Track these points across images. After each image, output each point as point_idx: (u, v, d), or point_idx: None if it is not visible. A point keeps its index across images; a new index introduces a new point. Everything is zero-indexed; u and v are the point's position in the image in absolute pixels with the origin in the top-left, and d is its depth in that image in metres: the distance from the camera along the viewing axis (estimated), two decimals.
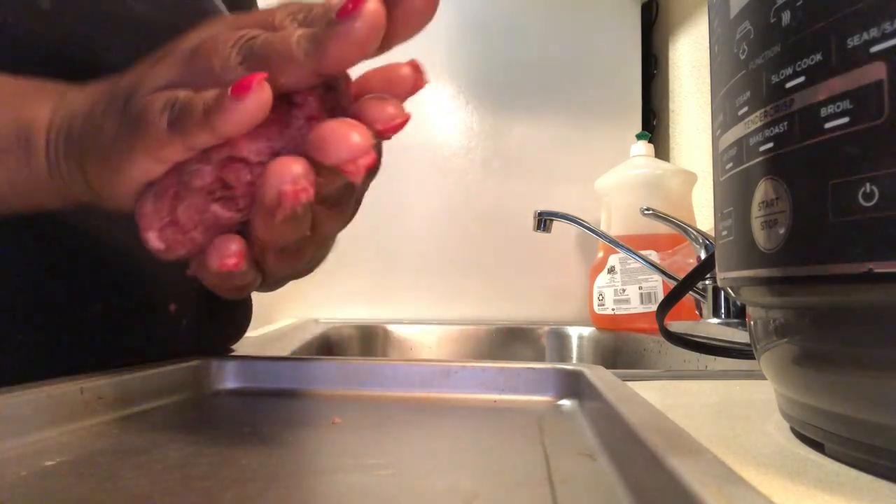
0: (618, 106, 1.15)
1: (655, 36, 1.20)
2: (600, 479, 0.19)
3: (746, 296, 0.26)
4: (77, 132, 0.25)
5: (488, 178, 1.13)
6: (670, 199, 0.89)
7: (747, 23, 0.23)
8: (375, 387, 0.32)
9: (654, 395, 0.36)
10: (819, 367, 0.22)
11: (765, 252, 0.22)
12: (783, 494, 0.19)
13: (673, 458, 0.15)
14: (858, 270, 0.18)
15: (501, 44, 1.14)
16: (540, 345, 1.01)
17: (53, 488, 0.17)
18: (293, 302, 1.08)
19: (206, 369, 0.33)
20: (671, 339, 0.49)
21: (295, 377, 0.33)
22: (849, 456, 0.22)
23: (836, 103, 0.19)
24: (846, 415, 0.21)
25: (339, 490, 0.18)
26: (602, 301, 0.91)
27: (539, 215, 0.87)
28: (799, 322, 0.23)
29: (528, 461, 0.21)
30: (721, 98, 0.26)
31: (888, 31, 0.18)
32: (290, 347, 0.67)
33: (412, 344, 1.01)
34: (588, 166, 1.08)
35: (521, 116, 1.14)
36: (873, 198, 0.18)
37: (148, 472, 0.19)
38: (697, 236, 0.73)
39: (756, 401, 0.34)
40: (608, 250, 0.92)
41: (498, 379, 0.32)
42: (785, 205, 0.21)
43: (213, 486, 0.18)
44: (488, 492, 0.17)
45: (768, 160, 0.22)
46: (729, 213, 0.25)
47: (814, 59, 0.20)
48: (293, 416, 0.28)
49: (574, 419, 0.27)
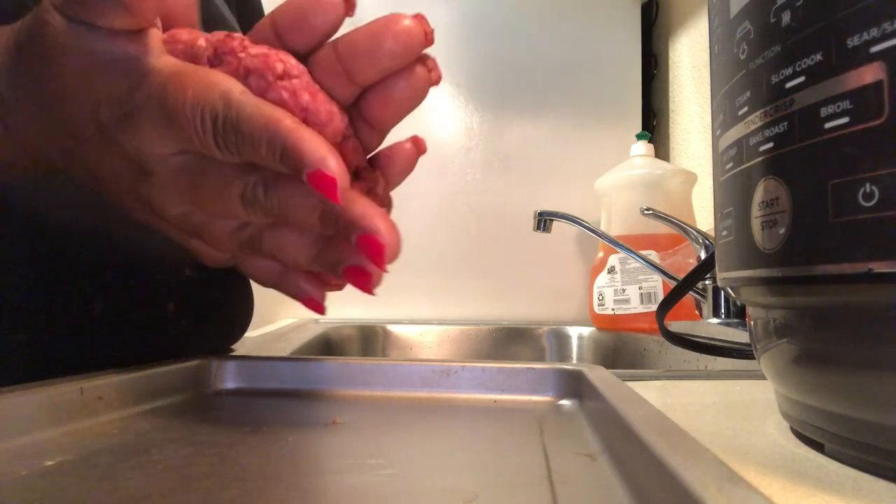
0: (618, 106, 1.15)
1: (655, 36, 1.20)
2: (600, 479, 0.19)
3: (746, 296, 0.26)
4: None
5: (488, 178, 1.13)
6: (670, 199, 0.89)
7: (747, 23, 0.23)
8: (375, 387, 0.32)
9: (654, 395, 0.36)
10: (819, 367, 0.22)
11: (765, 252, 0.22)
12: (783, 494, 0.19)
13: (673, 458, 0.15)
14: (858, 270, 0.18)
15: (501, 44, 1.14)
16: (540, 345, 1.01)
17: (53, 488, 0.17)
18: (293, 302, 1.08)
19: (206, 369, 0.33)
20: (671, 339, 0.49)
21: (295, 377, 0.33)
22: (849, 456, 0.22)
23: (836, 103, 0.19)
24: (846, 415, 0.21)
25: (339, 490, 0.18)
26: (602, 301, 0.91)
27: (539, 215, 0.87)
28: (799, 322, 0.23)
29: (528, 461, 0.21)
30: (721, 98, 0.26)
31: (888, 31, 0.18)
32: (290, 347, 0.67)
33: (412, 344, 1.01)
34: (588, 166, 1.08)
35: (521, 116, 1.14)
36: (873, 198, 0.18)
37: (148, 472, 0.19)
38: (697, 236, 0.73)
39: (756, 401, 0.34)
40: (608, 250, 0.92)
41: (498, 379, 0.32)
42: (785, 205, 0.21)
43: (213, 486, 0.18)
44: (488, 492, 0.17)
45: (768, 160, 0.22)
46: (729, 213, 0.25)
47: (814, 59, 0.20)
48: (293, 416, 0.28)
49: (574, 419, 0.27)
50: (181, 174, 0.25)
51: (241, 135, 0.23)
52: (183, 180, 0.25)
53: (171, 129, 0.24)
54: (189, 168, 0.25)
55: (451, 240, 1.11)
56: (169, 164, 0.25)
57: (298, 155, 0.23)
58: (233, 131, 0.23)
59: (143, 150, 0.25)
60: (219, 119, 0.23)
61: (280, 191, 0.25)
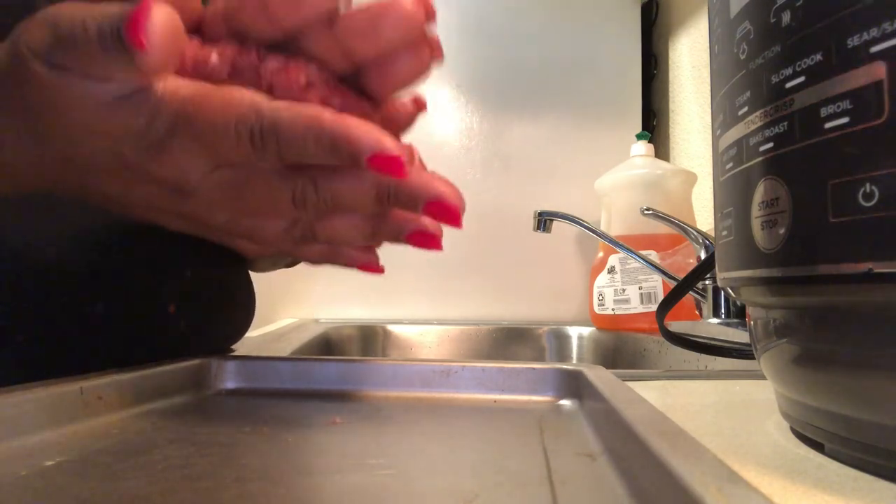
0: (618, 106, 1.15)
1: (655, 36, 1.20)
2: (600, 479, 0.19)
3: (746, 296, 0.26)
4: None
5: (488, 178, 1.13)
6: (670, 199, 0.89)
7: (747, 23, 0.23)
8: (375, 387, 0.32)
9: (654, 395, 0.36)
10: (819, 367, 0.22)
11: (765, 252, 0.22)
12: (783, 494, 0.19)
13: (673, 458, 0.15)
14: (858, 270, 0.18)
15: (501, 44, 1.14)
16: (540, 345, 1.01)
17: (53, 488, 0.17)
18: (293, 302, 1.08)
19: (206, 369, 0.33)
20: (671, 339, 0.49)
21: (295, 377, 0.33)
22: (849, 456, 0.22)
23: (836, 103, 0.19)
24: (846, 415, 0.21)
25: (339, 490, 0.18)
26: (602, 301, 0.91)
27: (539, 215, 0.87)
28: (799, 322, 0.23)
29: (528, 461, 0.21)
30: (721, 98, 0.26)
31: (888, 31, 0.18)
32: (290, 347, 0.67)
33: (412, 344, 1.01)
34: (588, 166, 1.08)
35: (521, 116, 1.14)
36: (873, 198, 0.18)
37: (148, 472, 0.19)
38: (697, 236, 0.73)
39: (756, 401, 0.34)
40: (608, 250, 0.92)
41: (498, 379, 0.32)
42: (785, 205, 0.21)
43: (213, 486, 0.18)
44: (488, 492, 0.17)
45: (768, 160, 0.22)
46: (729, 213, 0.25)
47: (814, 59, 0.20)
48: (293, 416, 0.28)
49: (574, 419, 0.27)
50: (224, 189, 0.25)
51: (284, 140, 0.23)
52: (227, 194, 0.25)
53: (205, 149, 0.23)
54: (231, 181, 0.25)
55: (451, 240, 1.10)
56: (209, 182, 0.24)
57: (351, 144, 0.22)
58: (273, 139, 0.23)
59: (179, 174, 0.24)
60: (255, 131, 0.22)
61: (332, 183, 0.25)
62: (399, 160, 0.22)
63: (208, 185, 0.25)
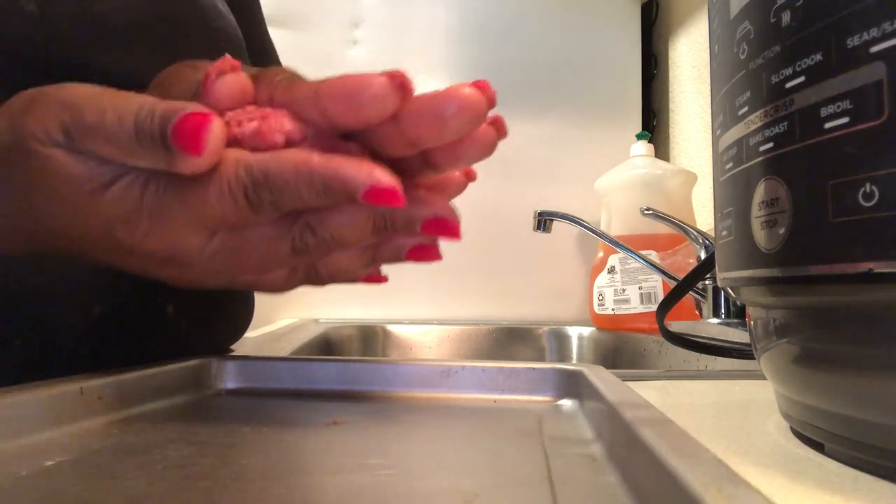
0: (618, 106, 1.14)
1: (655, 36, 1.20)
2: (600, 479, 0.19)
3: (746, 296, 0.26)
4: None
5: (488, 178, 1.12)
6: (670, 199, 0.89)
7: (747, 23, 0.23)
8: (375, 387, 0.32)
9: (654, 395, 0.36)
10: (819, 367, 0.22)
11: (765, 252, 0.22)
12: (783, 494, 0.19)
13: (673, 458, 0.15)
14: (858, 270, 0.18)
15: (501, 44, 1.14)
16: (540, 345, 1.01)
17: (53, 488, 0.17)
18: (293, 302, 1.08)
19: (206, 369, 0.33)
20: (671, 339, 0.49)
21: (295, 377, 0.33)
22: (849, 456, 0.22)
23: (836, 103, 0.19)
24: (846, 415, 0.21)
25: (339, 490, 0.18)
26: (602, 301, 0.91)
27: (539, 215, 0.87)
28: (799, 322, 0.23)
29: (528, 461, 0.21)
30: (721, 98, 0.26)
31: (888, 31, 0.18)
32: (290, 347, 0.67)
33: (412, 344, 1.01)
34: (588, 166, 1.08)
35: (521, 116, 1.13)
36: (873, 198, 0.18)
37: (148, 472, 0.19)
38: (697, 236, 0.73)
39: (756, 401, 0.34)
40: (608, 250, 0.92)
41: (498, 379, 0.32)
42: (785, 205, 0.21)
43: (213, 486, 0.18)
44: (488, 492, 0.17)
45: (768, 160, 0.22)
46: (729, 213, 0.25)
47: (814, 59, 0.20)
48: (293, 416, 0.28)
49: (574, 419, 0.27)
50: (222, 255, 0.25)
51: (277, 190, 0.23)
52: (226, 259, 0.25)
53: (199, 218, 0.23)
54: (228, 247, 0.24)
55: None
56: (206, 252, 0.24)
57: (345, 182, 0.22)
58: (266, 190, 0.23)
59: (174, 249, 0.24)
60: (248, 185, 0.22)
61: (329, 223, 0.25)
62: (394, 190, 0.22)
63: (207, 254, 0.24)
